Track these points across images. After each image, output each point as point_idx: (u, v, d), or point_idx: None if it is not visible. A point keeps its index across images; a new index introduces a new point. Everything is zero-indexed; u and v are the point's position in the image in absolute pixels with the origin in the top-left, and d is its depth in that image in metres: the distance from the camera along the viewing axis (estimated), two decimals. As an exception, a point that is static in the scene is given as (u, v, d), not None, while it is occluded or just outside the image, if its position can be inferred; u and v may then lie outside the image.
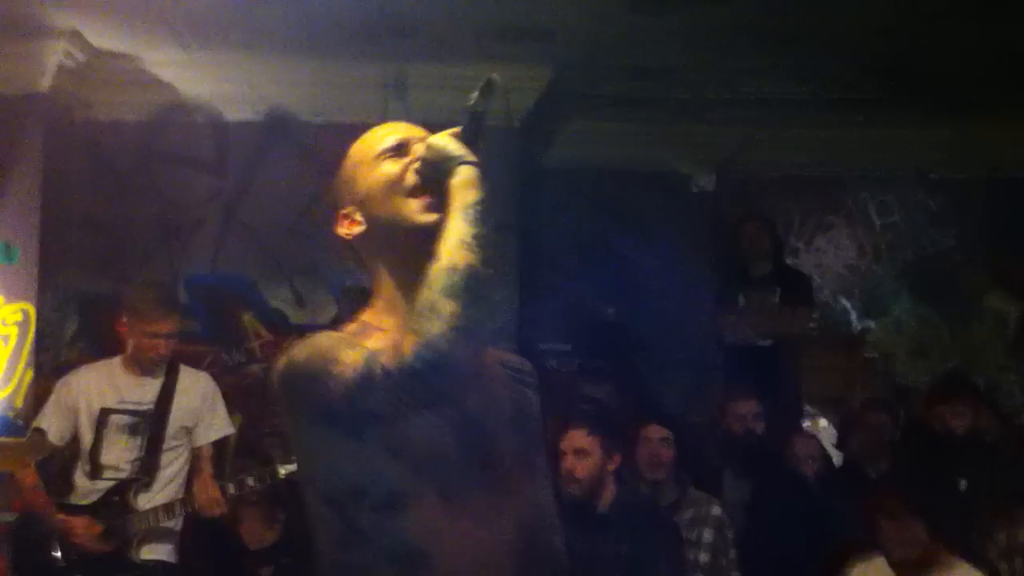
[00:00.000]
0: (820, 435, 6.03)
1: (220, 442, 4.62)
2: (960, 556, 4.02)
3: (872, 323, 7.40)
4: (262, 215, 6.32)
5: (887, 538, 3.96)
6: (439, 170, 1.81)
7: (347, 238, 1.88)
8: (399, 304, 1.82)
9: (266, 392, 6.28)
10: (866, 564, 4.13)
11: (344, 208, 1.90)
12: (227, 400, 4.65)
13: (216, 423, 4.51)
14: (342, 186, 1.93)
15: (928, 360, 7.24)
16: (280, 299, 6.36)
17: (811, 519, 4.80)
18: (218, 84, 6.25)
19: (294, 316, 6.36)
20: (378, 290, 1.89)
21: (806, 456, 5.32)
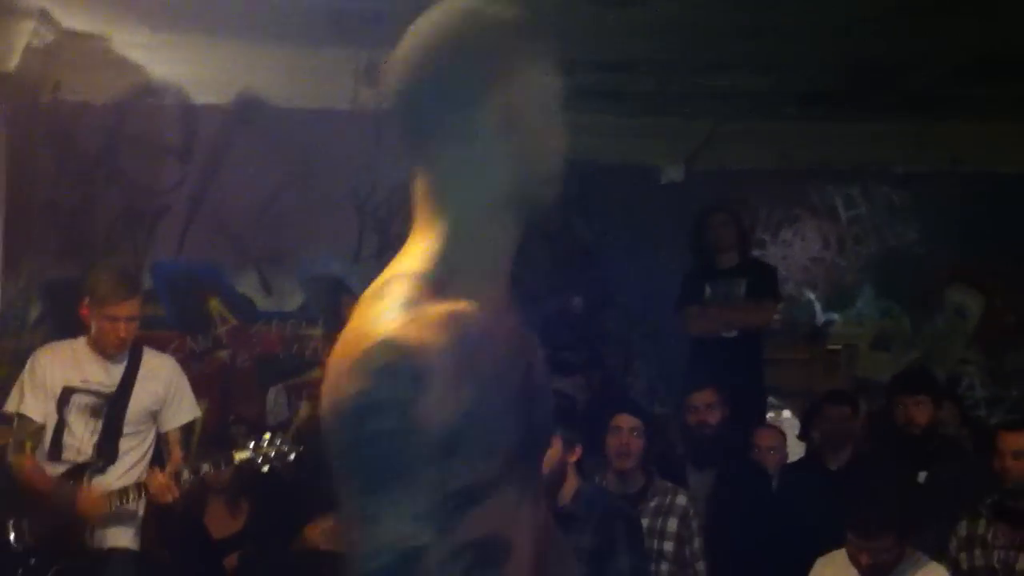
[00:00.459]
0: (783, 426, 6.08)
1: (187, 428, 4.59)
2: (922, 550, 4.08)
3: (836, 315, 7.47)
4: (230, 201, 6.29)
5: (854, 549, 4.00)
6: None
7: None
8: None
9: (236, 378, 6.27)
10: (829, 558, 4.18)
11: None
12: (193, 386, 4.62)
13: (183, 408, 4.46)
14: None
15: (890, 353, 7.32)
16: (247, 285, 6.34)
17: (772, 509, 4.86)
18: (187, 67, 6.20)
19: (261, 303, 6.34)
20: None
21: (769, 447, 5.38)
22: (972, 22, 5.50)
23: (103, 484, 4.21)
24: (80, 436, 4.27)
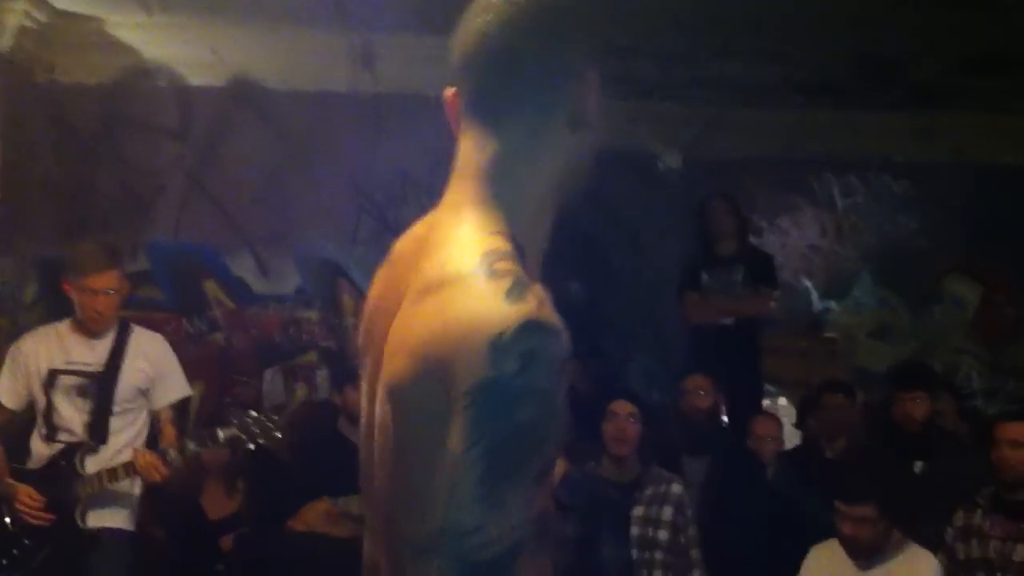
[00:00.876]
0: (779, 415, 6.08)
1: (180, 407, 4.54)
2: (919, 541, 4.08)
3: (833, 304, 7.46)
4: (225, 182, 6.27)
5: (839, 519, 4.00)
6: None
7: None
8: None
9: (232, 360, 6.25)
10: (823, 547, 4.17)
11: None
12: (188, 368, 4.59)
13: (172, 385, 4.41)
14: None
15: (887, 342, 7.32)
16: (243, 268, 6.32)
17: (767, 497, 4.85)
18: (181, 49, 6.17)
19: (257, 285, 6.32)
20: None
21: (765, 436, 5.37)
22: (975, 15, 5.49)
23: (96, 464, 4.19)
24: (69, 417, 4.25)
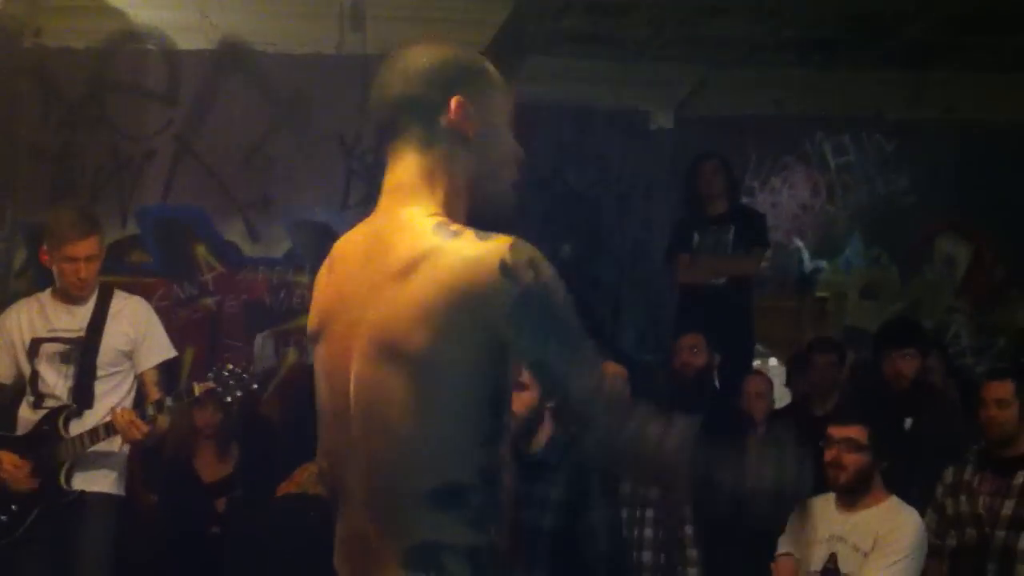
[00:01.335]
0: (770, 374, 6.10)
1: (167, 370, 4.53)
2: (908, 497, 4.10)
3: (824, 264, 7.48)
4: (215, 146, 6.23)
5: (827, 444, 4.01)
6: None
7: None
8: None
9: (222, 325, 6.25)
10: (811, 502, 4.19)
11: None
12: (179, 333, 4.58)
13: (155, 347, 4.38)
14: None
15: (878, 301, 7.34)
16: (233, 232, 6.29)
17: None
18: (170, 12, 6.12)
19: (247, 249, 6.30)
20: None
21: (755, 394, 5.40)
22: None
23: (80, 427, 4.19)
24: (54, 383, 4.24)
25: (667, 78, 7.10)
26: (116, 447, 4.24)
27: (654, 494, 4.49)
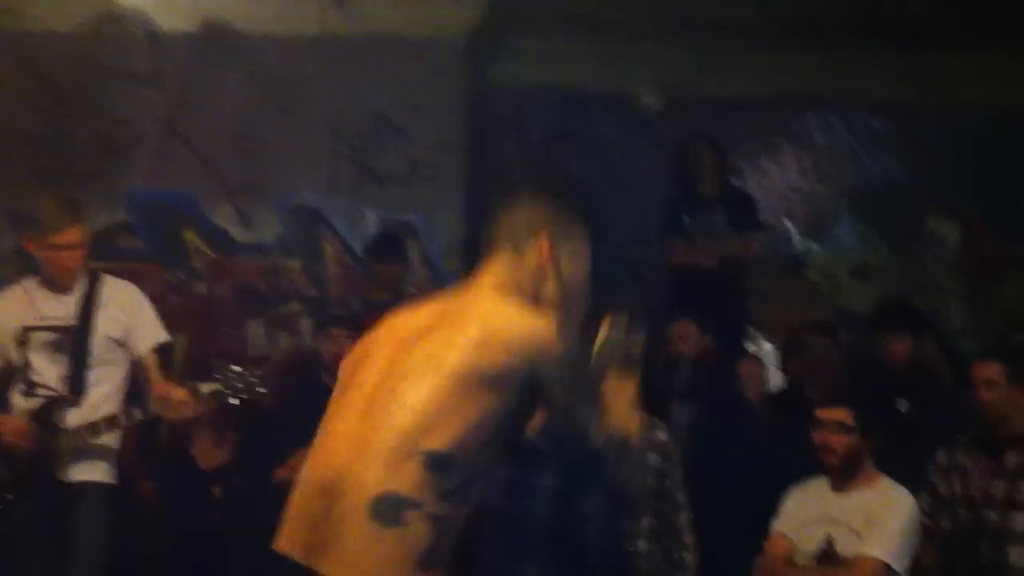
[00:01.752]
0: (763, 357, 6.10)
1: (163, 353, 4.49)
2: (901, 478, 4.11)
3: (814, 245, 7.48)
4: (202, 129, 6.20)
5: (816, 428, 4.01)
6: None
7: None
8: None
9: (214, 311, 6.23)
10: (803, 486, 4.20)
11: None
12: (171, 319, 4.55)
13: (148, 331, 4.31)
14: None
15: (869, 282, 7.35)
16: (223, 217, 6.27)
17: (753, 440, 4.88)
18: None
19: (237, 234, 6.28)
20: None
21: (749, 378, 5.39)
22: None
23: (77, 418, 4.17)
24: (46, 373, 4.20)
25: (656, 60, 7.08)
26: (114, 440, 4.22)
27: (649, 482, 4.44)
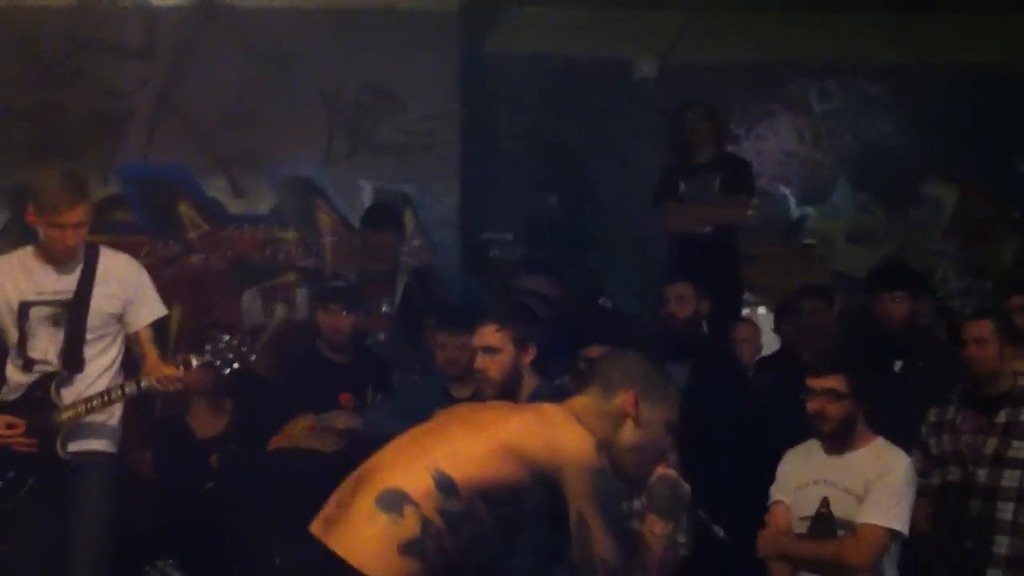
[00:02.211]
0: (759, 321, 6.12)
1: (158, 327, 4.49)
2: (896, 437, 4.12)
3: (810, 210, 7.47)
4: (195, 102, 6.18)
5: (809, 396, 4.02)
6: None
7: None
8: None
9: (209, 282, 6.23)
10: (796, 449, 4.22)
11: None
12: (166, 291, 4.55)
13: (147, 305, 4.33)
14: None
15: (865, 246, 7.35)
16: (217, 189, 6.26)
17: (746, 401, 4.90)
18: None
19: (232, 206, 6.27)
20: None
21: (743, 340, 5.41)
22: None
23: (73, 393, 4.17)
24: (44, 348, 4.20)
25: (651, 26, 7.05)
26: (112, 415, 4.24)
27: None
